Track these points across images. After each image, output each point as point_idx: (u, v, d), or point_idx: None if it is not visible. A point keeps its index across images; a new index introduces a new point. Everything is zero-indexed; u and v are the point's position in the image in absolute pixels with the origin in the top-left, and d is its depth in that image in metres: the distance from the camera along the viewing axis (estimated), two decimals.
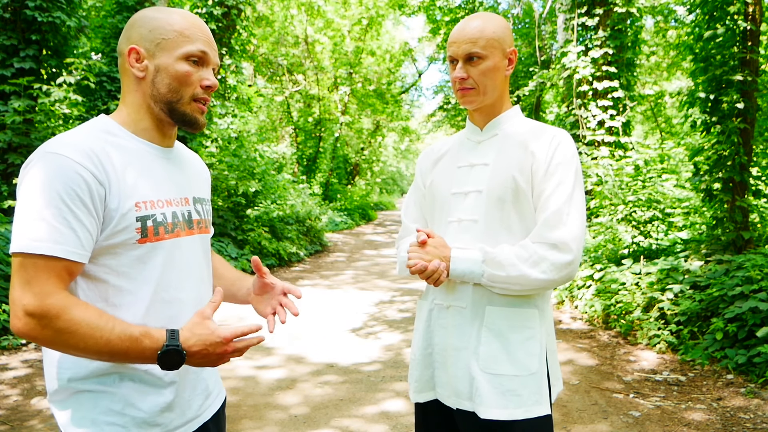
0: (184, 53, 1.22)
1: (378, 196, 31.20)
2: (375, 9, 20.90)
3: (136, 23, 1.24)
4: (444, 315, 1.57)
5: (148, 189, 1.21)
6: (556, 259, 1.44)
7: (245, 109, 11.53)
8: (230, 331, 1.16)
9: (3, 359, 4.50)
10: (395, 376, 4.28)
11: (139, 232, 1.18)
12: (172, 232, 1.24)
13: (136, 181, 1.19)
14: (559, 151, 1.51)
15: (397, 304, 7.06)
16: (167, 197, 1.25)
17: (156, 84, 1.23)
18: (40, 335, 1.07)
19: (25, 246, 1.07)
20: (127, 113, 1.26)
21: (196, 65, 1.24)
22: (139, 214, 1.18)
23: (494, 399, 1.46)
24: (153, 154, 1.26)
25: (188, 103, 1.25)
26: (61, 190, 1.08)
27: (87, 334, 1.08)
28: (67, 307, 1.08)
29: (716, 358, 4.34)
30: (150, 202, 1.20)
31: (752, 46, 5.61)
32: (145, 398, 1.20)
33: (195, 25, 1.25)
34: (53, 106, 6.58)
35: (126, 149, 1.21)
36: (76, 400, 1.17)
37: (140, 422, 1.19)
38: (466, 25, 1.54)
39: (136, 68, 1.23)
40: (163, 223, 1.22)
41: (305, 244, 11.73)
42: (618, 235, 6.75)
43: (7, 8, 6.68)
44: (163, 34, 1.22)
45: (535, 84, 11.96)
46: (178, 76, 1.22)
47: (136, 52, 1.22)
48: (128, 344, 1.10)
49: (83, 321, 1.08)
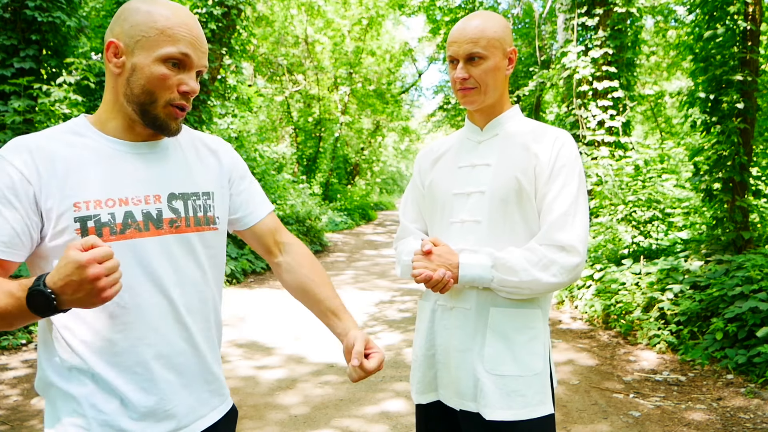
0: (163, 55, 1.14)
1: (378, 196, 31.18)
2: (375, 9, 20.89)
3: (121, 15, 1.18)
4: (447, 316, 1.56)
5: (96, 188, 1.15)
6: (565, 261, 1.44)
7: (245, 109, 11.54)
8: (80, 243, 0.98)
9: (3, 359, 4.49)
10: (395, 376, 4.28)
11: (79, 233, 1.11)
12: (120, 234, 1.15)
13: (84, 181, 1.14)
14: (563, 152, 1.50)
15: (397, 304, 7.06)
16: (122, 196, 1.16)
17: (130, 83, 1.16)
18: None
19: None
20: (103, 111, 1.22)
21: (175, 68, 1.16)
22: (77, 215, 1.12)
23: (499, 400, 1.46)
24: (121, 151, 1.20)
25: (162, 107, 1.17)
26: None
27: None
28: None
29: (716, 358, 4.34)
30: (95, 202, 1.13)
31: (752, 46, 5.61)
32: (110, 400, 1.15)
33: (181, 24, 1.16)
34: (53, 106, 6.57)
35: (89, 149, 1.18)
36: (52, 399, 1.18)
37: (102, 423, 1.14)
38: (466, 25, 1.53)
39: (113, 63, 1.17)
40: (109, 224, 1.14)
41: (305, 244, 11.71)
42: (618, 235, 6.75)
43: (7, 8, 6.68)
44: (144, 31, 1.14)
45: (535, 84, 11.95)
46: (153, 79, 1.15)
47: (115, 46, 1.16)
48: (9, 301, 1.03)
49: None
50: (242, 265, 8.72)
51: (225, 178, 1.35)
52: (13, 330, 1.08)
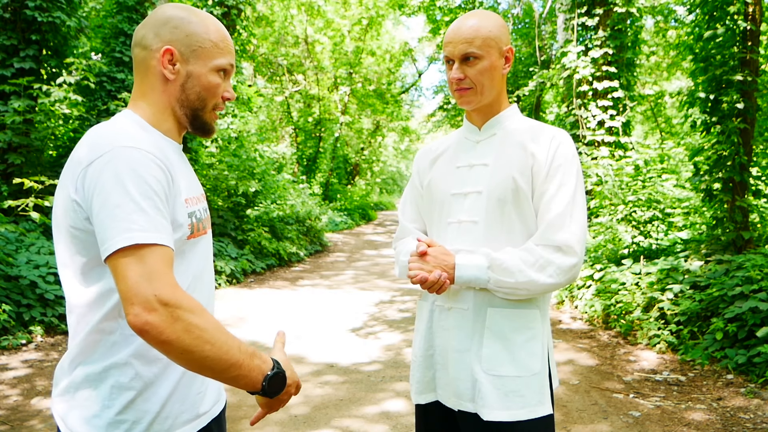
0: (218, 65, 1.23)
1: (378, 196, 31.19)
2: (375, 9, 20.89)
3: (170, 22, 1.21)
4: (445, 317, 1.56)
5: (188, 185, 1.23)
6: (562, 262, 1.44)
7: (245, 109, 11.53)
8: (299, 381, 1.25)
9: (3, 359, 4.49)
10: (395, 376, 4.28)
11: (190, 228, 1.19)
12: (205, 228, 1.27)
13: (178, 178, 1.19)
14: (560, 152, 1.50)
15: (397, 304, 7.06)
16: (197, 194, 1.27)
17: (186, 90, 1.23)
18: (169, 328, 0.99)
19: (139, 237, 1.02)
20: (152, 112, 1.24)
21: (223, 77, 1.26)
22: (189, 210, 1.19)
23: (497, 400, 1.46)
24: (176, 151, 1.26)
25: (210, 112, 1.27)
26: (151, 181, 1.07)
27: (215, 335, 1.03)
28: (200, 305, 1.04)
29: (716, 358, 4.34)
30: (193, 198, 1.23)
31: (752, 46, 5.61)
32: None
33: (227, 37, 1.27)
34: (53, 106, 6.57)
35: (160, 146, 1.21)
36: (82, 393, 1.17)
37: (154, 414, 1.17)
38: (461, 25, 1.53)
39: (168, 70, 1.21)
40: (201, 219, 1.25)
41: (305, 244, 11.72)
42: (618, 235, 6.75)
43: (7, 8, 6.68)
44: (200, 42, 1.21)
45: (535, 84, 11.95)
46: (209, 87, 1.23)
47: (170, 53, 1.20)
48: (244, 357, 1.07)
49: (213, 321, 1.05)
50: (242, 265, 8.72)
51: None
52: (207, 376, 1.12)
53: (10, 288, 5.06)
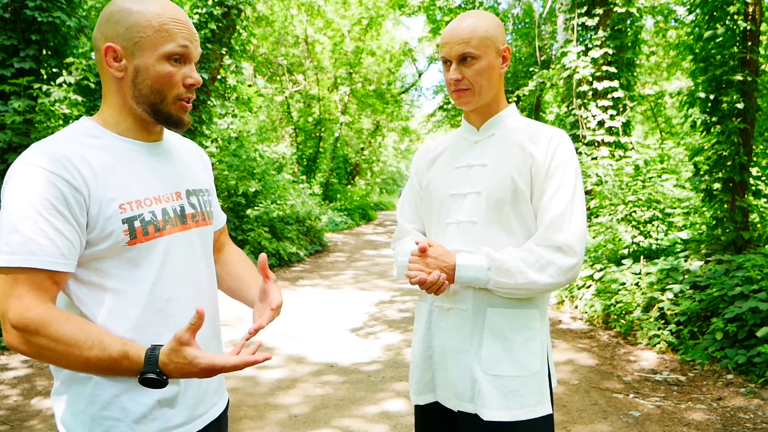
0: (165, 52, 1.16)
1: (378, 196, 31.20)
2: (375, 9, 20.89)
3: (111, 17, 1.16)
4: (444, 317, 1.56)
5: (133, 189, 1.17)
6: (562, 262, 1.44)
7: (245, 109, 11.53)
8: (208, 362, 1.08)
9: (3, 359, 4.49)
10: (395, 376, 4.28)
11: (127, 234, 1.14)
12: (163, 230, 1.20)
13: (119, 183, 1.15)
14: (559, 152, 1.50)
15: (397, 304, 7.06)
16: (155, 194, 1.20)
17: (137, 85, 1.17)
18: (26, 349, 1.08)
19: (3, 260, 1.05)
20: (110, 114, 1.21)
21: (177, 63, 1.18)
22: (124, 216, 1.14)
23: (497, 400, 1.46)
24: (138, 151, 1.22)
25: (172, 104, 1.20)
26: (35, 201, 1.06)
27: (65, 352, 1.06)
28: (46, 322, 1.06)
29: (716, 358, 4.34)
30: (136, 202, 1.16)
31: (752, 46, 5.61)
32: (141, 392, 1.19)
33: (174, 18, 1.17)
34: (53, 106, 6.57)
35: (108, 150, 1.18)
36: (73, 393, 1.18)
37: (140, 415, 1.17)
38: (457, 25, 1.53)
39: (114, 68, 1.17)
40: (153, 222, 1.18)
41: (305, 244, 11.72)
42: (618, 235, 6.75)
43: (7, 8, 6.68)
44: (141, 31, 1.14)
45: (535, 84, 11.95)
46: (160, 78, 1.16)
47: (113, 50, 1.16)
48: (107, 363, 1.08)
49: (62, 338, 1.06)
50: None
51: (211, 179, 1.44)
52: None
53: None
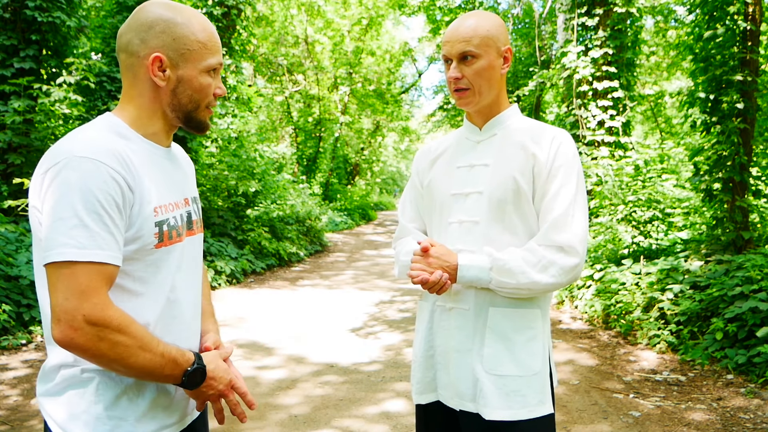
0: (207, 66, 1.22)
1: (378, 196, 31.20)
2: (375, 9, 20.90)
3: (156, 26, 1.18)
4: (446, 317, 1.56)
5: (161, 192, 1.20)
6: (564, 262, 1.44)
7: (245, 109, 11.53)
8: (238, 382, 1.28)
9: (3, 359, 4.49)
10: (395, 376, 4.28)
11: (157, 237, 1.17)
12: (181, 235, 1.24)
13: (151, 185, 1.17)
14: (561, 152, 1.50)
15: (398, 304, 7.06)
16: (175, 199, 1.24)
17: (177, 94, 1.21)
18: (93, 347, 1.05)
19: (74, 254, 1.03)
20: (138, 116, 1.22)
21: (213, 75, 1.25)
22: (157, 219, 1.17)
23: (498, 400, 1.46)
24: (160, 156, 1.25)
25: (203, 111, 1.26)
26: (99, 195, 1.06)
27: (135, 353, 1.08)
28: (128, 320, 1.09)
29: (716, 358, 4.34)
30: (164, 206, 1.20)
31: (752, 46, 5.61)
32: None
33: (214, 35, 1.25)
34: (53, 106, 6.57)
35: (138, 152, 1.18)
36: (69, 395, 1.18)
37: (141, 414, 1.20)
38: (459, 24, 1.53)
39: (159, 77, 1.19)
40: (175, 227, 1.22)
41: (305, 244, 11.72)
42: (618, 235, 6.75)
43: (7, 8, 6.68)
44: (188, 44, 1.19)
45: (535, 84, 11.95)
46: (201, 89, 1.22)
47: (159, 60, 1.18)
48: (166, 362, 1.13)
49: (138, 337, 1.09)
50: (242, 265, 8.72)
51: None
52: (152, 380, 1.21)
53: (10, 288, 5.06)
